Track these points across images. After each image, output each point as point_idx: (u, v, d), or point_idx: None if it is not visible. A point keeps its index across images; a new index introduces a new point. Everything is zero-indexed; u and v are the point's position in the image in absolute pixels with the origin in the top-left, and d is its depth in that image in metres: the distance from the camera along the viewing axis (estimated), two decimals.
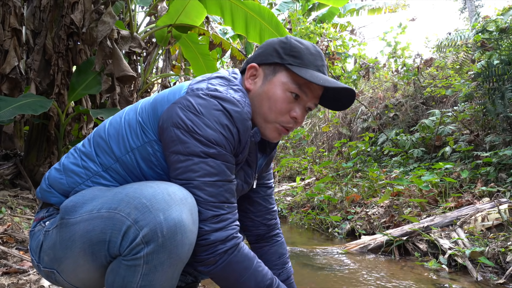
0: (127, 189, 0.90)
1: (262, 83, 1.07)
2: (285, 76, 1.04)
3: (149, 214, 0.83)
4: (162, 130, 0.96)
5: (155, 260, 0.83)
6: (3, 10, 3.45)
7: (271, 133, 1.08)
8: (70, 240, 0.91)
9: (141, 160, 0.99)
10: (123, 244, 0.84)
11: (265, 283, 0.98)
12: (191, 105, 0.93)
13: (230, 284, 0.97)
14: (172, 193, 0.86)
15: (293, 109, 1.05)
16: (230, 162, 0.96)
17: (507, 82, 3.52)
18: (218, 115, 0.93)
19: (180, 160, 0.92)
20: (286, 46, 1.05)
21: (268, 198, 1.36)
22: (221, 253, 0.92)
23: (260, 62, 1.08)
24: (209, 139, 0.91)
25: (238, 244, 0.95)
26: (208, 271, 0.94)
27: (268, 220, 1.36)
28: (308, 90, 1.05)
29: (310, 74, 1.01)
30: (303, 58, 1.04)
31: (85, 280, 0.97)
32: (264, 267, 1.01)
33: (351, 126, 7.05)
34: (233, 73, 1.09)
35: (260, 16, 4.18)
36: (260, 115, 1.06)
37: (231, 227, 0.94)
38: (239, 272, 0.95)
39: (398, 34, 6.08)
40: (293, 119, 1.06)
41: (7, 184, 3.53)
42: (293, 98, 1.04)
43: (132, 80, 3.68)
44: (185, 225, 0.84)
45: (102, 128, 1.07)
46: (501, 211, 2.36)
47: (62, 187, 1.03)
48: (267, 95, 1.05)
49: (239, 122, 0.96)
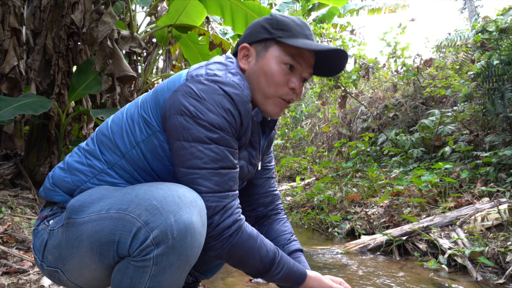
0: (137, 190, 0.89)
1: (255, 61, 1.08)
2: (277, 49, 1.06)
3: (160, 216, 0.83)
4: (165, 118, 0.96)
5: (164, 261, 0.84)
6: (3, 9, 3.45)
7: (273, 108, 1.08)
8: (77, 239, 0.91)
9: (148, 153, 1.00)
10: (133, 245, 0.84)
11: (269, 257, 1.01)
12: (192, 91, 0.94)
13: (236, 262, 1.00)
14: (183, 195, 0.87)
15: (290, 80, 1.06)
16: (233, 147, 0.98)
17: (507, 82, 3.53)
18: (220, 99, 0.94)
19: (184, 147, 0.93)
20: (273, 21, 1.07)
21: (268, 180, 1.36)
22: (227, 237, 0.95)
23: (250, 41, 1.09)
24: (212, 123, 0.92)
25: (242, 225, 0.97)
26: (215, 254, 0.97)
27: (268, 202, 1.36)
28: (301, 59, 1.06)
29: (302, 42, 1.03)
30: (291, 30, 1.05)
31: (90, 280, 0.97)
32: (267, 242, 1.03)
33: (351, 126, 7.06)
34: (229, 58, 1.11)
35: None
36: (259, 92, 1.07)
37: (234, 212, 0.97)
38: (244, 250, 0.98)
39: (398, 34, 6.07)
40: (291, 90, 1.07)
41: (7, 184, 3.53)
42: (288, 69, 1.06)
43: (133, 80, 3.69)
44: (194, 228, 0.85)
45: (105, 126, 1.08)
46: (501, 211, 2.36)
47: (67, 185, 1.03)
48: (263, 70, 1.05)
49: (240, 104, 0.97)
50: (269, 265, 1.01)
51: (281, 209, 1.40)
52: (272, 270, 1.02)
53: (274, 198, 1.38)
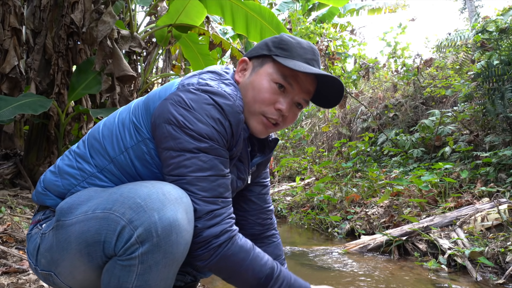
0: (122, 189, 0.89)
1: (249, 75, 1.08)
2: (271, 66, 1.05)
3: (144, 214, 0.82)
4: (155, 127, 0.96)
5: (150, 260, 0.83)
6: (3, 9, 3.45)
7: (256, 125, 1.06)
8: (66, 241, 0.91)
9: (136, 159, 0.99)
10: (118, 244, 0.83)
11: (264, 272, 0.97)
12: (182, 100, 0.93)
13: (227, 275, 0.97)
14: (167, 193, 0.86)
15: (278, 101, 1.04)
16: (223, 156, 0.96)
17: (507, 82, 3.53)
18: (209, 109, 0.93)
19: (172, 156, 0.92)
20: (277, 40, 1.07)
21: (263, 196, 1.35)
22: (215, 247, 0.91)
23: (251, 56, 1.10)
24: (200, 133, 0.91)
25: (233, 237, 0.94)
26: (204, 265, 0.94)
27: (263, 220, 1.35)
28: (295, 82, 1.04)
29: (294, 63, 1.01)
30: (292, 51, 1.04)
31: (82, 282, 0.97)
32: (264, 256, 0.99)
33: (351, 126, 7.06)
34: (225, 68, 1.11)
35: (260, 16, 4.19)
36: (245, 107, 1.05)
37: (224, 221, 0.94)
38: (235, 264, 0.94)
39: (398, 34, 6.08)
40: (277, 111, 1.05)
41: (7, 184, 3.53)
42: (278, 89, 1.04)
43: (132, 80, 3.69)
44: (180, 225, 0.84)
45: (97, 129, 1.07)
46: (501, 211, 2.36)
47: (58, 189, 1.03)
48: (252, 85, 1.05)
49: (230, 115, 0.95)
50: (265, 281, 0.97)
51: (275, 228, 1.40)
52: (269, 286, 0.97)
53: (269, 215, 1.38)
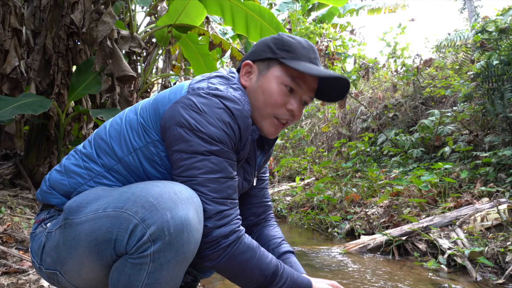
0: (133, 188, 0.90)
1: (256, 79, 1.09)
2: (278, 70, 1.06)
3: (156, 212, 0.83)
4: (165, 129, 0.97)
5: (161, 258, 0.84)
6: (4, 10, 3.45)
7: (268, 128, 1.09)
8: (74, 240, 0.91)
9: (144, 160, 1.01)
10: (130, 243, 0.84)
11: (270, 270, 0.99)
12: (193, 104, 0.95)
13: (235, 275, 0.99)
14: (179, 192, 0.87)
15: (289, 102, 1.07)
16: (232, 159, 0.99)
17: (507, 82, 3.53)
18: (220, 113, 0.95)
19: (183, 158, 0.94)
20: (278, 41, 1.08)
21: (261, 190, 1.36)
22: (224, 247, 0.94)
23: (254, 59, 1.11)
24: (212, 136, 0.93)
25: (240, 236, 0.96)
26: (212, 265, 0.96)
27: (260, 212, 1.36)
28: (302, 82, 1.07)
29: (303, 65, 1.03)
30: (296, 52, 1.06)
31: (89, 281, 0.97)
32: (268, 255, 1.02)
33: (350, 126, 7.06)
34: (231, 72, 1.12)
35: (260, 16, 4.19)
36: (257, 110, 1.08)
37: (233, 222, 0.96)
38: (243, 263, 0.96)
39: (398, 35, 6.08)
40: (289, 112, 1.08)
41: (7, 184, 3.53)
42: (288, 91, 1.06)
43: (132, 80, 3.69)
44: (191, 224, 0.85)
45: (103, 129, 1.08)
46: (500, 211, 2.36)
47: (64, 188, 1.04)
48: (262, 89, 1.07)
49: (240, 119, 0.98)
50: (271, 278, 1.00)
51: (271, 217, 1.40)
52: (275, 283, 1.00)
53: (267, 209, 1.38)
